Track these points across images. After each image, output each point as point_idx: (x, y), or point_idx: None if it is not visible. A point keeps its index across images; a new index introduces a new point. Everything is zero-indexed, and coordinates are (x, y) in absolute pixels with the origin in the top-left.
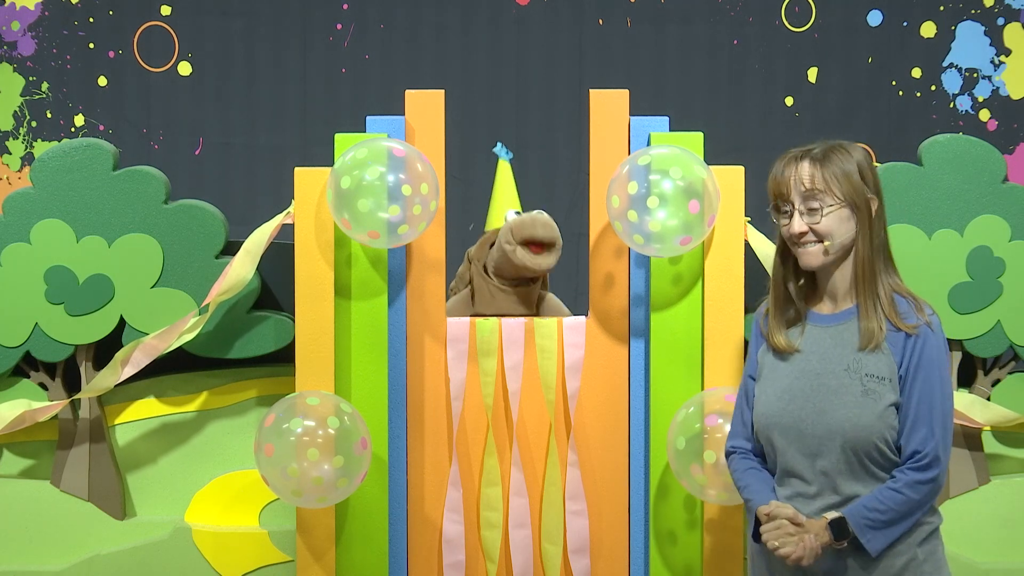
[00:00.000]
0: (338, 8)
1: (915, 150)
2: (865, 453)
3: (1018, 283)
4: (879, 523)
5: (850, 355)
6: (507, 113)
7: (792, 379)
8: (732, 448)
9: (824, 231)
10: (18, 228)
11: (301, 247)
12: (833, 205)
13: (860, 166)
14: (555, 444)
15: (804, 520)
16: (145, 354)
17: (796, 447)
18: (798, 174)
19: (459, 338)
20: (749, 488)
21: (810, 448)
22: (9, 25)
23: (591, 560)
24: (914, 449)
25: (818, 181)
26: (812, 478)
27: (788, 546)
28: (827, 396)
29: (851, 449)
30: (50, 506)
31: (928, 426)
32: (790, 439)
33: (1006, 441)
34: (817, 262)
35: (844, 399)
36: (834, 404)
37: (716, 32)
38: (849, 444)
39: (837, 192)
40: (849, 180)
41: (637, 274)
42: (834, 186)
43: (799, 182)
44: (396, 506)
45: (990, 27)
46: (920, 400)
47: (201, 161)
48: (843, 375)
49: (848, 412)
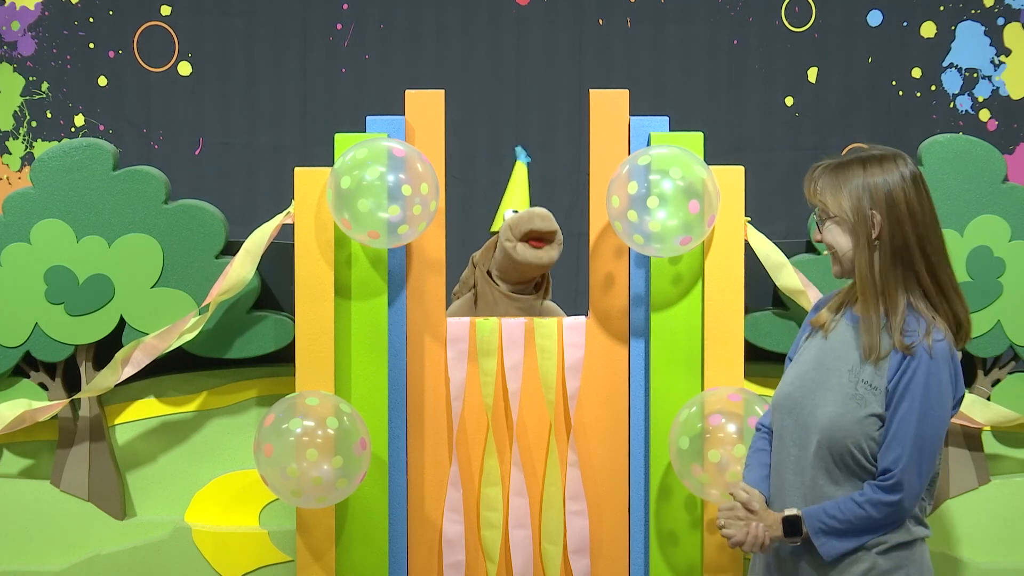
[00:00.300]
0: (338, 8)
1: (915, 150)
2: (839, 454)
3: (1018, 283)
4: (834, 530)
5: (856, 358)
6: (507, 113)
7: (809, 367)
8: (759, 425)
9: (828, 241)
10: (18, 228)
11: (301, 247)
12: (834, 218)
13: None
14: (555, 444)
15: (759, 508)
16: (145, 354)
17: (788, 435)
18: (810, 184)
19: (459, 338)
20: (746, 468)
21: (798, 438)
22: (9, 25)
23: (591, 560)
24: (885, 467)
25: (818, 194)
26: (796, 470)
27: (732, 528)
28: (824, 391)
29: (827, 447)
30: (50, 506)
31: (901, 448)
32: (785, 426)
33: (1006, 441)
34: (834, 272)
35: (834, 397)
36: (825, 399)
37: (716, 32)
38: (825, 441)
39: (834, 207)
40: (850, 196)
41: (637, 274)
42: (829, 200)
43: (812, 195)
44: (396, 506)
45: (990, 27)
46: (900, 422)
47: (201, 161)
48: (844, 374)
49: (832, 410)
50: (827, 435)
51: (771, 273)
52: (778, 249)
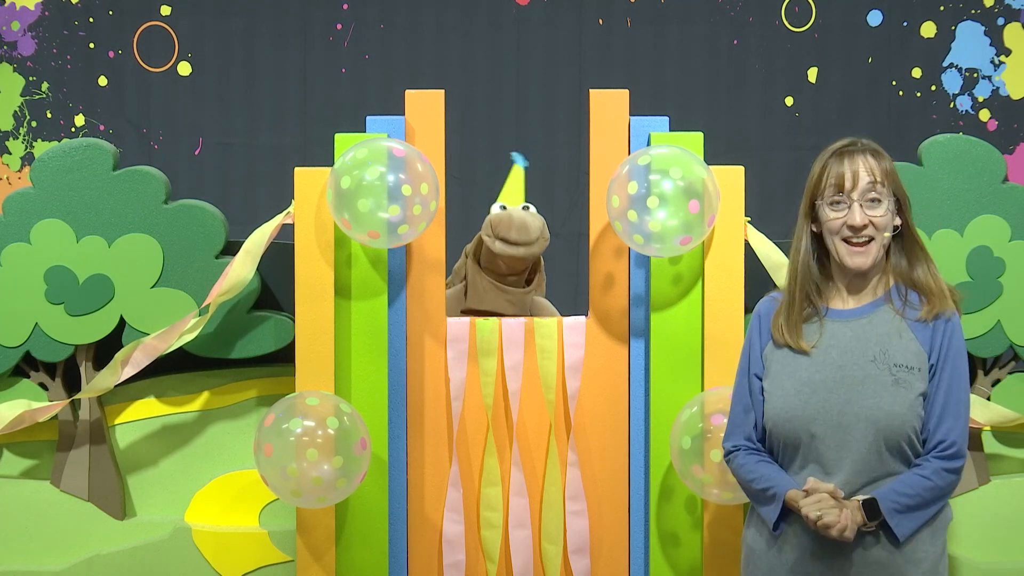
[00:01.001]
0: (338, 8)
1: (915, 150)
2: (896, 443)
3: (1018, 283)
4: (906, 508)
5: (875, 346)
6: (507, 113)
7: (812, 372)
8: (734, 447)
9: (882, 224)
10: (18, 228)
11: (301, 247)
12: (888, 200)
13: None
14: (555, 444)
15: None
16: (145, 354)
17: (821, 440)
18: (866, 166)
19: (459, 338)
20: (766, 477)
21: (836, 440)
22: (9, 25)
23: (591, 560)
24: (940, 439)
25: (879, 174)
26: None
27: (831, 515)
28: (853, 387)
29: (883, 438)
30: (50, 506)
31: (954, 419)
32: (815, 432)
33: (1006, 441)
34: (870, 261)
35: (874, 388)
36: (862, 394)
37: (716, 32)
38: (882, 433)
39: (891, 187)
40: (895, 175)
41: (637, 274)
42: (888, 181)
43: (868, 173)
44: (396, 506)
45: (990, 27)
46: (947, 392)
47: (201, 161)
48: (869, 366)
49: (879, 401)
50: (883, 426)
51: (771, 273)
52: (778, 249)
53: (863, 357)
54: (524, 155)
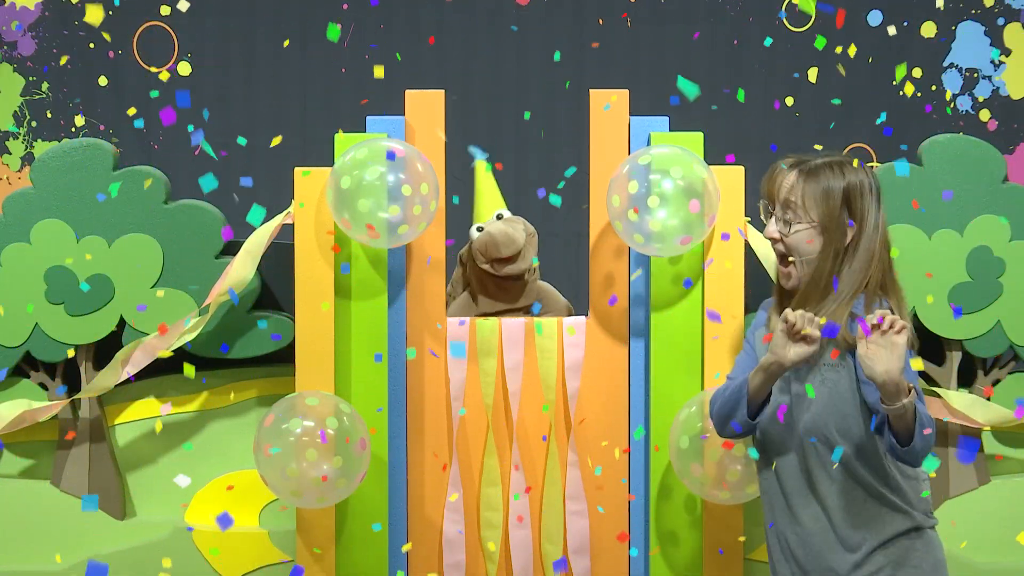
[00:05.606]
0: (338, 8)
1: (915, 150)
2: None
3: (1018, 283)
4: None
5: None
6: (507, 113)
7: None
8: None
9: (790, 245)
10: (18, 228)
11: (301, 247)
12: (803, 223)
13: (849, 190)
14: (555, 444)
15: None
16: (145, 354)
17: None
18: (783, 181)
19: (459, 338)
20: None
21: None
22: (9, 25)
23: (591, 560)
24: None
25: (796, 195)
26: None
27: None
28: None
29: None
30: (50, 506)
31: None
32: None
33: (1006, 441)
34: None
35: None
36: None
37: (716, 32)
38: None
39: (812, 212)
40: (827, 202)
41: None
42: (809, 204)
43: (781, 189)
44: (396, 506)
45: (990, 27)
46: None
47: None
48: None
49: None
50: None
51: (771, 273)
52: None
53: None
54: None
